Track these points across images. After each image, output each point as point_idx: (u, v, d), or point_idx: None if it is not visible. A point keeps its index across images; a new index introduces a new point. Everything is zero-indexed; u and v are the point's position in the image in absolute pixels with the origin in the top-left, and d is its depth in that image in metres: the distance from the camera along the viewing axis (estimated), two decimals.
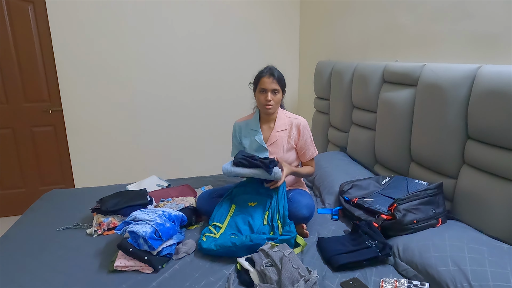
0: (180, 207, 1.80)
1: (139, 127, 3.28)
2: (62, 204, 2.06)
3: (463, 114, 1.54)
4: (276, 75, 1.82)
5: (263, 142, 1.91)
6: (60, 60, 2.94)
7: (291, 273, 1.23)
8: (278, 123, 1.92)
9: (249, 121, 2.00)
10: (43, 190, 2.83)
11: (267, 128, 1.95)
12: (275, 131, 1.91)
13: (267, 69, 1.85)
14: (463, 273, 1.16)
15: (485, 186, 1.45)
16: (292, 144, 1.91)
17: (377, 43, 2.35)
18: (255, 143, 1.93)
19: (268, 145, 1.91)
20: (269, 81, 1.81)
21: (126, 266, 1.40)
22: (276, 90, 1.82)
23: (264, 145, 1.90)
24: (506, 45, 1.46)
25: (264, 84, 1.82)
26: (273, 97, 1.82)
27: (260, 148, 1.91)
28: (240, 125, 2.02)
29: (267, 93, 1.82)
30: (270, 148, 1.91)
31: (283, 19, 3.44)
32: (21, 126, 3.01)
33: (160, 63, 3.19)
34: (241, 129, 2.01)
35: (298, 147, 1.93)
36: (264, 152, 1.90)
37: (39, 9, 2.83)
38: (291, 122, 1.93)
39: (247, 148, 1.96)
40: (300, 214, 1.68)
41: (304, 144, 1.92)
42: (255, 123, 1.96)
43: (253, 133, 1.94)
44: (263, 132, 1.94)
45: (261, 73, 1.86)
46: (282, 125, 1.92)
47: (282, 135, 1.91)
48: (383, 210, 1.61)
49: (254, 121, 1.97)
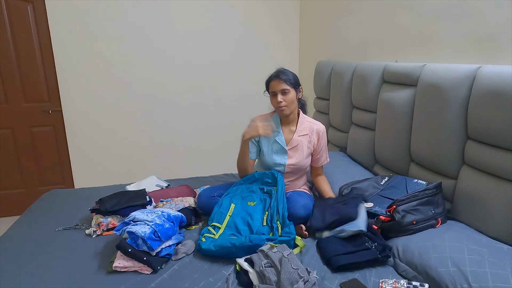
0: (179, 208, 1.79)
1: (138, 128, 3.28)
2: (61, 205, 2.06)
3: (463, 114, 1.53)
4: (282, 75, 1.80)
5: (284, 143, 1.88)
6: (60, 60, 2.94)
7: (290, 274, 1.23)
8: (300, 127, 1.91)
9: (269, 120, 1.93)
10: (42, 190, 2.82)
11: (288, 131, 1.92)
12: (297, 135, 1.89)
13: (274, 73, 1.84)
14: (463, 274, 1.16)
15: (485, 187, 1.44)
16: (311, 149, 1.91)
17: (377, 43, 2.34)
18: (276, 145, 1.89)
19: (289, 148, 1.88)
20: (276, 83, 1.80)
21: (125, 266, 1.39)
22: (286, 90, 1.80)
23: (285, 147, 1.88)
24: (506, 45, 1.46)
25: (273, 87, 1.82)
26: (284, 97, 1.80)
27: (280, 150, 1.88)
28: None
29: (277, 95, 1.80)
30: (290, 152, 1.88)
31: (283, 19, 3.44)
32: (20, 126, 3.00)
33: (159, 63, 3.19)
34: None
35: (314, 153, 1.94)
36: (284, 154, 1.88)
37: (38, 9, 2.83)
38: (312, 127, 1.92)
39: (266, 148, 1.91)
40: (296, 214, 1.68)
41: (321, 150, 1.93)
42: (276, 123, 1.91)
43: (274, 134, 1.89)
44: (284, 134, 1.91)
45: (269, 78, 1.86)
46: (304, 129, 1.91)
47: (303, 140, 1.89)
48: (382, 212, 1.60)
49: (275, 121, 1.93)
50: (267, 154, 1.90)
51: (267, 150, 1.91)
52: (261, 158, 1.95)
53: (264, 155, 1.91)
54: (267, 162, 1.90)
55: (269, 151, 1.90)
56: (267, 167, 1.92)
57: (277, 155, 1.89)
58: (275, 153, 1.89)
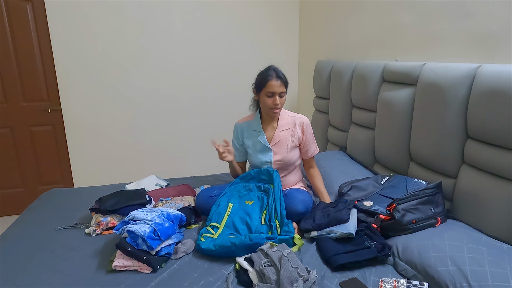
0: (179, 207, 1.79)
1: (138, 127, 3.27)
2: (61, 204, 2.06)
3: (463, 113, 1.53)
4: (282, 77, 1.79)
5: (266, 142, 1.90)
6: (59, 59, 2.93)
7: (290, 273, 1.23)
8: (281, 123, 1.92)
9: (250, 121, 1.98)
10: (42, 190, 2.82)
11: (270, 128, 1.94)
12: (279, 131, 1.91)
13: (272, 71, 1.78)
14: (463, 273, 1.16)
15: (485, 186, 1.44)
16: (296, 143, 1.91)
17: (376, 42, 2.34)
18: (259, 144, 1.92)
19: (272, 145, 1.90)
20: (278, 85, 1.76)
21: (124, 266, 1.39)
22: (283, 93, 1.81)
23: (268, 145, 1.90)
24: (506, 44, 1.45)
25: (273, 87, 1.76)
26: (281, 100, 1.80)
27: (264, 149, 1.91)
28: (242, 126, 2.00)
29: (275, 96, 1.78)
30: (274, 148, 1.90)
31: (283, 18, 3.44)
32: (20, 126, 3.00)
33: (159, 62, 3.18)
34: (243, 130, 1.99)
35: (301, 146, 1.94)
36: (268, 152, 1.90)
37: (37, 8, 2.82)
38: (294, 121, 1.92)
39: (251, 149, 1.95)
40: (295, 209, 1.68)
41: (307, 142, 1.93)
42: (257, 123, 1.95)
43: (256, 134, 1.93)
44: (266, 132, 1.93)
45: (266, 75, 1.78)
46: (285, 124, 1.92)
47: (285, 135, 1.90)
48: (382, 211, 1.60)
49: (256, 121, 1.95)
50: (253, 154, 1.95)
51: (252, 151, 1.95)
52: (248, 159, 2.01)
53: (251, 156, 1.96)
54: (254, 162, 1.95)
55: (254, 151, 1.93)
56: (255, 166, 1.95)
57: (261, 153, 1.91)
58: (260, 152, 1.91)
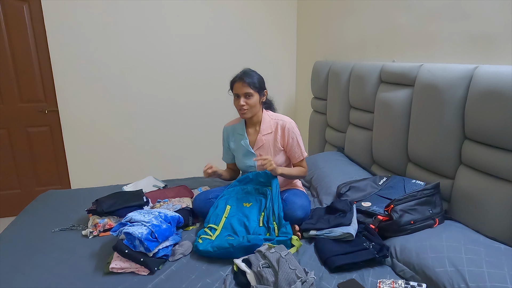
0: (176, 208, 1.79)
1: (135, 128, 3.26)
2: (58, 205, 2.04)
3: (460, 114, 1.54)
4: (246, 79, 1.77)
5: (249, 146, 1.89)
6: (56, 60, 2.92)
7: (288, 274, 1.22)
8: (263, 126, 1.88)
9: (236, 125, 1.98)
10: (38, 191, 2.81)
11: (254, 131, 1.92)
12: (261, 135, 1.88)
13: (239, 74, 1.82)
14: (460, 274, 1.16)
15: (482, 187, 1.44)
16: (279, 146, 1.87)
17: (374, 43, 2.34)
18: (242, 148, 1.91)
19: (255, 149, 1.89)
20: (240, 86, 1.79)
21: (121, 268, 1.39)
22: (249, 94, 1.78)
23: (251, 149, 1.89)
24: (503, 45, 1.46)
25: (236, 89, 1.81)
26: (247, 101, 1.79)
27: (247, 153, 1.90)
28: (228, 129, 2.02)
29: (240, 98, 1.80)
30: (257, 152, 1.89)
31: (280, 19, 3.44)
32: (16, 127, 2.99)
33: (156, 63, 3.18)
34: (229, 134, 2.00)
35: (286, 150, 1.89)
36: (252, 156, 1.89)
37: (34, 9, 2.81)
38: (276, 123, 1.88)
39: (236, 152, 1.96)
40: (295, 215, 1.67)
41: (291, 146, 1.86)
42: (241, 127, 1.94)
43: (240, 138, 1.93)
44: (249, 136, 1.92)
45: (234, 78, 1.84)
46: (268, 128, 1.88)
47: (268, 138, 1.88)
48: (380, 212, 1.60)
49: (240, 125, 1.95)
50: (238, 158, 1.95)
51: (237, 154, 1.95)
52: (236, 163, 2.02)
53: (237, 159, 1.97)
54: (240, 166, 1.97)
55: (239, 155, 1.94)
56: (242, 170, 1.97)
57: (246, 158, 1.91)
58: (244, 156, 1.92)
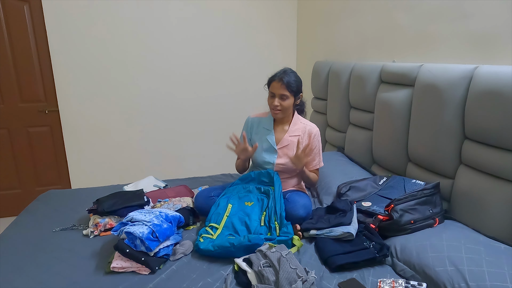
0: (177, 208, 1.79)
1: (136, 128, 3.27)
2: (59, 205, 2.05)
3: (460, 114, 1.54)
4: (285, 80, 1.78)
5: (274, 143, 1.89)
6: (56, 60, 2.92)
7: (288, 274, 1.23)
8: (293, 128, 1.91)
9: (263, 118, 1.97)
10: (39, 191, 2.81)
11: (281, 130, 1.93)
12: (288, 135, 1.90)
13: (279, 73, 1.82)
14: (461, 273, 1.17)
15: (482, 186, 1.45)
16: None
17: (374, 43, 2.35)
18: (266, 143, 1.90)
19: (279, 147, 1.89)
20: (277, 86, 1.79)
21: (122, 267, 1.39)
22: (285, 96, 1.80)
23: (275, 146, 1.89)
24: (503, 45, 1.46)
25: (273, 88, 1.81)
26: (282, 102, 1.80)
27: (270, 149, 1.90)
28: (253, 120, 2.00)
29: (275, 97, 1.80)
30: (280, 151, 1.89)
31: (281, 19, 3.44)
32: (17, 127, 2.99)
33: (156, 63, 3.18)
34: (253, 125, 1.98)
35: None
36: (273, 154, 1.88)
37: (35, 9, 2.81)
38: (304, 128, 1.91)
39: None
40: (296, 214, 1.68)
41: (313, 153, 1.90)
42: (269, 122, 1.93)
43: (266, 132, 1.92)
44: (276, 133, 1.92)
45: (273, 76, 1.83)
46: (296, 130, 1.91)
47: (294, 140, 1.89)
48: (380, 211, 1.61)
49: (268, 120, 1.94)
50: (258, 151, 1.92)
51: (258, 148, 1.92)
52: (252, 156, 1.97)
53: (255, 154, 1.93)
54: (257, 159, 1.93)
55: (260, 149, 1.91)
56: (257, 164, 1.94)
57: (266, 153, 1.90)
58: (265, 151, 1.90)
